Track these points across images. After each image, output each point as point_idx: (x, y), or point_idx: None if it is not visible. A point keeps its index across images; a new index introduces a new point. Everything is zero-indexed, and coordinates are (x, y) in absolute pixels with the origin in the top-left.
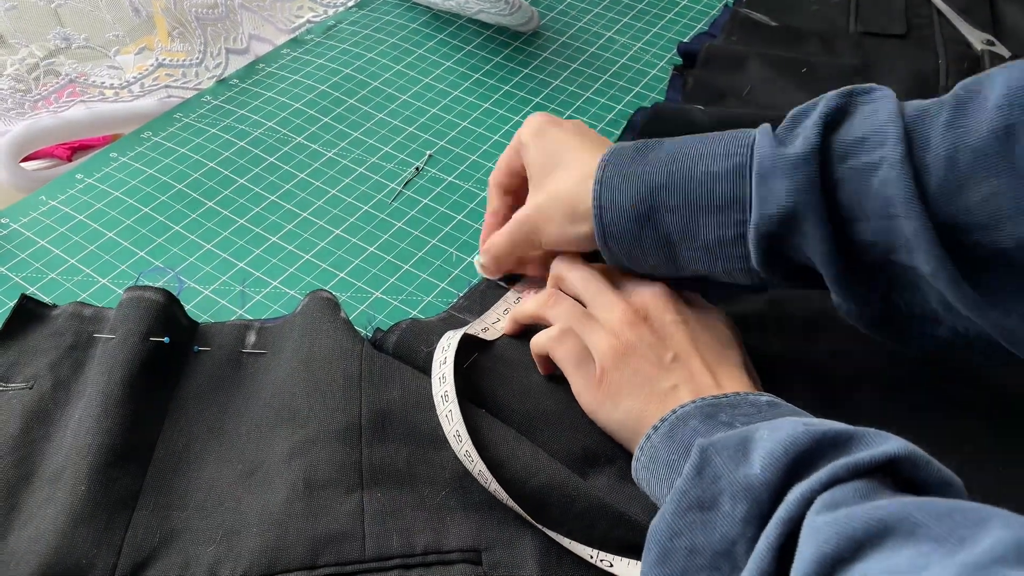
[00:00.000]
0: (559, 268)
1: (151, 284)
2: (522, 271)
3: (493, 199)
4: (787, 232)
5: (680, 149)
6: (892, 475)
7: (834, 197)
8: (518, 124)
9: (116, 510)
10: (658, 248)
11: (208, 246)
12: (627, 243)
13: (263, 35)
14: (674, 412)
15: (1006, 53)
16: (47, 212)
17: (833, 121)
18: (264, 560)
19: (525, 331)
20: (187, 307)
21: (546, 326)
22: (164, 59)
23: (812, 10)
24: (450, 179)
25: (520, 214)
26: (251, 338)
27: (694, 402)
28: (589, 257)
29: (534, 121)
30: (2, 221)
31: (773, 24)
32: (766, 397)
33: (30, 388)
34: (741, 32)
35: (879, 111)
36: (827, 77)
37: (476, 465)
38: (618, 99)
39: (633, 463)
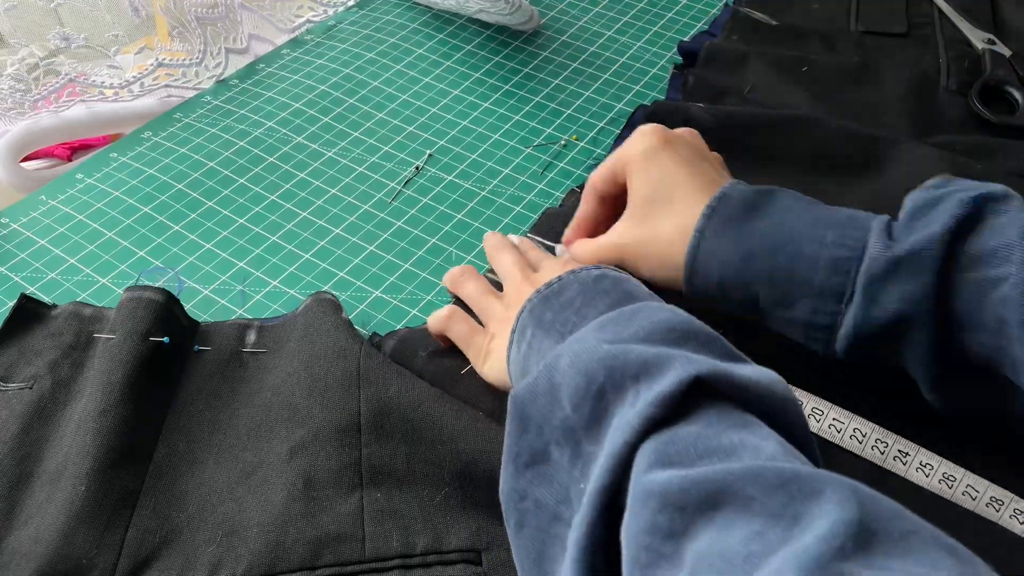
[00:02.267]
0: (455, 279)
1: (151, 284)
2: None
3: (588, 201)
4: (887, 335)
5: (789, 221)
6: (704, 393)
7: (948, 304)
8: (519, 123)
9: (116, 510)
10: (743, 310)
11: (208, 246)
12: (713, 298)
13: (263, 35)
14: (516, 322)
15: (1007, 52)
16: (47, 212)
17: (962, 230)
18: (264, 560)
19: None
20: (187, 307)
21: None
22: (164, 59)
23: (813, 9)
24: (450, 178)
25: (616, 237)
26: (251, 337)
27: (530, 300)
28: None
29: (648, 139)
30: (2, 221)
31: (774, 23)
32: (596, 271)
33: (30, 388)
34: (741, 31)
35: (1009, 225)
36: (828, 76)
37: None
38: (618, 98)
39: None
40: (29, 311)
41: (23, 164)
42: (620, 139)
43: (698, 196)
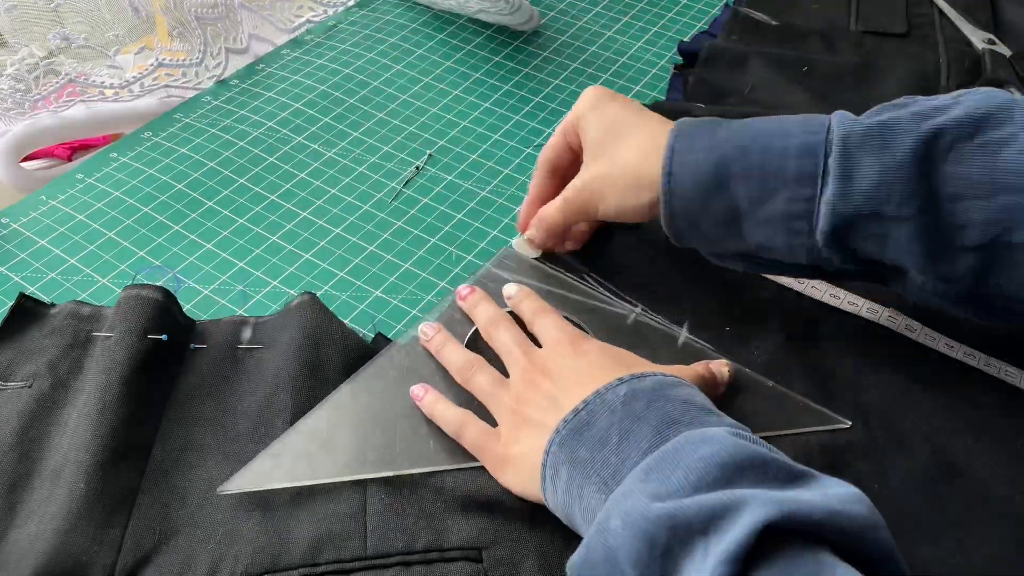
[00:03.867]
0: (487, 319)
1: (150, 283)
2: (563, 247)
3: (540, 177)
4: (869, 215)
5: (753, 125)
6: (775, 536)
7: (936, 171)
8: (519, 123)
9: (115, 508)
10: (724, 218)
11: (208, 246)
12: (693, 212)
13: (263, 35)
14: (545, 456)
15: (1007, 52)
16: (47, 212)
17: (942, 105)
18: (265, 558)
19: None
20: (187, 307)
21: None
22: (164, 59)
23: (813, 9)
24: (450, 178)
25: (577, 182)
26: (246, 334)
27: (557, 432)
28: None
29: (591, 94)
30: (2, 221)
31: (774, 23)
32: (623, 388)
33: (29, 387)
34: (742, 31)
35: (994, 95)
36: (828, 76)
37: None
38: None
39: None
40: (28, 310)
41: (23, 164)
42: None
43: (654, 126)
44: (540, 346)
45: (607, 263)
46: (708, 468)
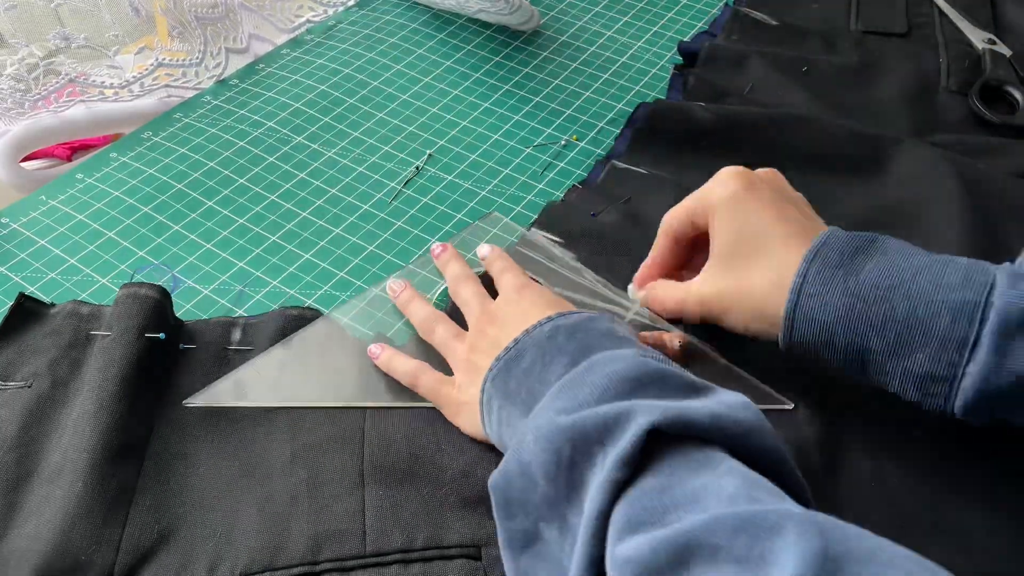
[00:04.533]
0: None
1: (146, 281)
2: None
3: (661, 243)
4: (1019, 392)
5: (901, 263)
6: (666, 440)
7: None
8: (519, 123)
9: (113, 507)
10: (848, 364)
11: (208, 245)
12: (813, 353)
13: (263, 35)
14: (482, 393)
15: (1007, 52)
16: (47, 212)
17: None
18: (265, 556)
19: None
20: (187, 307)
21: None
22: (164, 59)
23: (812, 9)
24: (450, 178)
25: (702, 291)
26: (236, 335)
27: (490, 369)
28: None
29: (730, 184)
30: (2, 221)
31: (774, 23)
32: (548, 325)
33: (29, 387)
34: (742, 31)
35: None
36: (828, 76)
37: None
38: (618, 98)
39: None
40: (28, 310)
41: (23, 164)
42: (620, 138)
43: (791, 243)
44: None
45: (607, 259)
46: (611, 383)
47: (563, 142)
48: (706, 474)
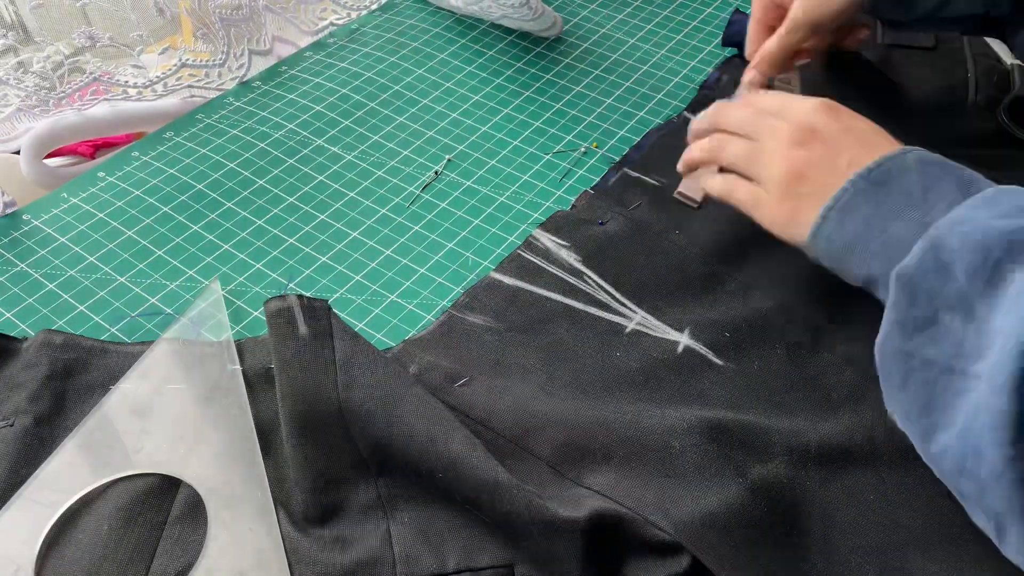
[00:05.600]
0: (717, 113)
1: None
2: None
3: (755, 29)
4: None
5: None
6: None
7: None
8: (539, 130)
9: (142, 543)
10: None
11: (226, 246)
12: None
13: (286, 37)
14: (834, 201)
15: None
16: (68, 209)
17: None
18: None
19: (532, 330)
20: (202, 307)
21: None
22: (188, 59)
23: None
24: (469, 183)
25: (791, 15)
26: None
27: (852, 182)
28: None
29: None
30: (24, 217)
31: None
32: (913, 154)
33: (10, 426)
34: None
35: None
36: (852, 90)
37: None
38: (640, 106)
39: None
40: None
41: (46, 160)
42: (636, 146)
43: None
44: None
45: (608, 267)
46: None
47: (583, 149)
48: None
